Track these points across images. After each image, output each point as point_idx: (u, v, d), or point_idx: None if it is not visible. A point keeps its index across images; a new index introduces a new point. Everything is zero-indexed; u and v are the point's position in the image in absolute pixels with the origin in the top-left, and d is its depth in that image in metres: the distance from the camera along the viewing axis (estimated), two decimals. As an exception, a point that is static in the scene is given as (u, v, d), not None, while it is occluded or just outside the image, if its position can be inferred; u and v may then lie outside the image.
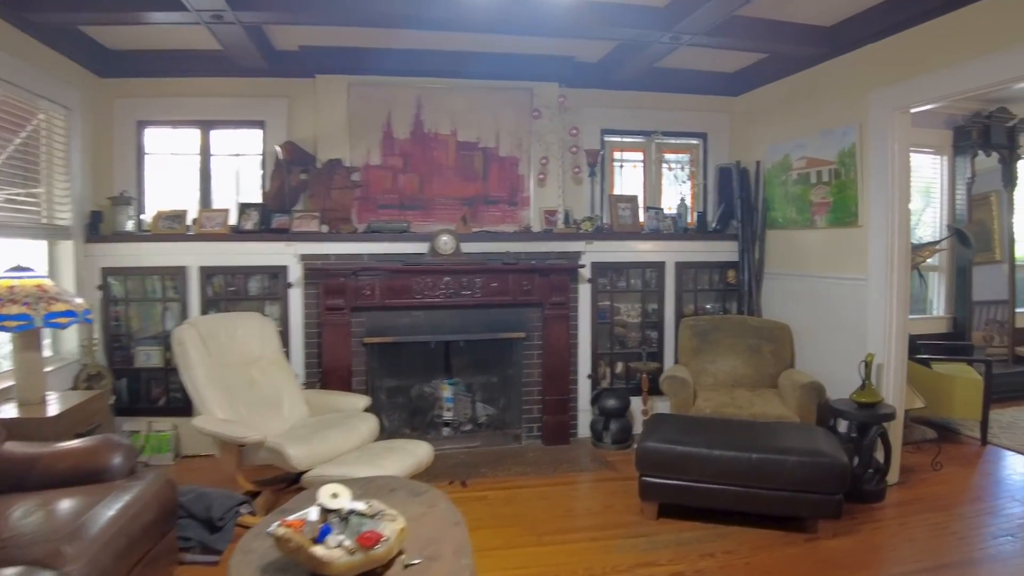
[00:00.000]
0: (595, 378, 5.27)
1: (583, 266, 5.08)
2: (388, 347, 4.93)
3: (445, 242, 4.80)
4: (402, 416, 5.17)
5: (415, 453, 3.55)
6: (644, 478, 3.62)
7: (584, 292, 5.18)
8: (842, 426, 4.14)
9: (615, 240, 5.23)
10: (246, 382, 3.99)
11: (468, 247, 4.94)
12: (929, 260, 5.96)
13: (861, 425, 3.92)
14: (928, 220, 6.58)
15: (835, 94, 4.53)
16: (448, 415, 5.13)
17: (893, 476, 4.11)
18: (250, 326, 4.25)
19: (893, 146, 4.05)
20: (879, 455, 3.98)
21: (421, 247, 4.87)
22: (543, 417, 5.06)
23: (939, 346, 5.91)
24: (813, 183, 4.74)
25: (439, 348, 5.17)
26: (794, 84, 4.96)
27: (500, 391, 5.33)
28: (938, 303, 6.62)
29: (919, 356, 5.10)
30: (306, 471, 3.39)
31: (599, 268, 5.21)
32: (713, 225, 5.52)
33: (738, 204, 5.33)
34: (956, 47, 3.59)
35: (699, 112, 5.71)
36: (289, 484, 3.73)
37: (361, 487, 2.49)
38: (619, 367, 5.36)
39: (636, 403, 5.14)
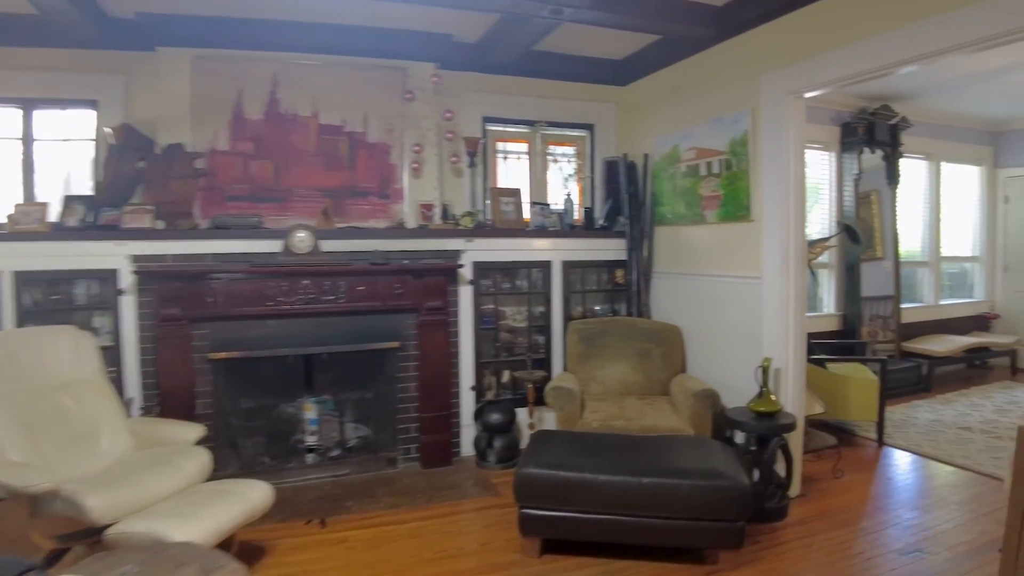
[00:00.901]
0: (480, 390, 4.78)
1: (462, 266, 4.57)
2: (239, 363, 4.23)
3: (301, 239, 4.17)
4: (259, 443, 4.49)
5: (248, 497, 2.93)
6: (524, 510, 3.14)
7: (465, 295, 4.68)
8: (740, 437, 3.83)
9: (498, 237, 4.76)
10: (54, 412, 3.24)
11: (331, 245, 4.34)
12: (820, 257, 5.84)
13: (760, 437, 3.62)
14: (817, 217, 6.50)
15: (726, 79, 4.25)
16: (312, 439, 4.48)
17: (795, 489, 3.85)
18: (60, 343, 3.48)
19: (788, 133, 3.79)
20: (780, 468, 3.70)
21: (276, 245, 4.23)
22: (421, 437, 4.52)
23: (833, 345, 5.81)
24: (703, 175, 4.45)
25: (300, 362, 4.52)
26: (683, 70, 4.66)
27: (373, 409, 4.74)
28: (829, 300, 6.56)
29: (814, 357, 4.91)
30: (110, 524, 2.72)
31: (481, 268, 4.72)
32: (600, 222, 5.15)
33: (626, 199, 4.99)
34: (847, 28, 3.36)
35: (586, 102, 5.34)
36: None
37: (142, 561, 1.87)
38: (506, 376, 4.89)
39: (525, 415, 4.69)
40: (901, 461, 4.57)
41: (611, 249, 5.09)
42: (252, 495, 2.95)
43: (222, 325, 4.11)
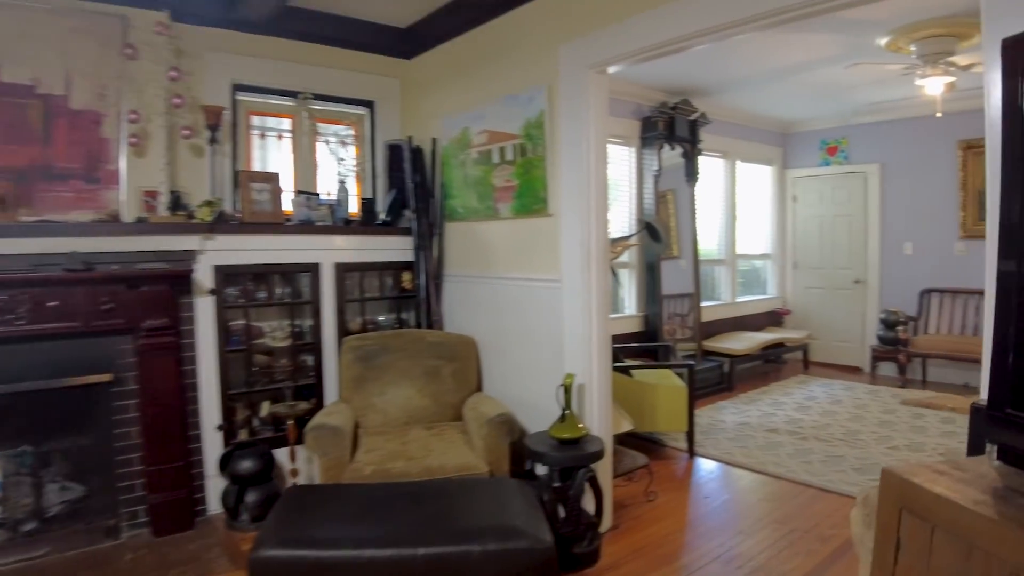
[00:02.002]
0: (231, 429, 3.80)
1: (191, 272, 3.57)
2: None
3: (-54, 239, 2.98)
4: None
5: None
6: (259, 610, 2.29)
7: (205, 308, 3.68)
8: (542, 469, 3.22)
9: (249, 234, 3.80)
10: None
11: (11, 246, 3.17)
12: (620, 257, 5.49)
13: (565, 469, 3.02)
14: (617, 215, 6.18)
15: (523, 51, 3.64)
16: (-9, 509, 3.28)
17: (606, 521, 3.32)
18: None
19: (589, 114, 3.24)
20: (589, 501, 3.14)
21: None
22: (149, 496, 3.47)
23: (636, 349, 5.46)
24: (496, 163, 3.82)
25: (-36, 407, 3.28)
26: (476, 40, 4.00)
27: (88, 463, 3.58)
28: (630, 301, 6.26)
29: (619, 364, 4.47)
30: None
31: (227, 274, 3.75)
32: (382, 216, 4.37)
33: (412, 190, 4.25)
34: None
35: (366, 75, 4.53)
36: None
37: None
38: (266, 409, 3.95)
39: (288, 458, 3.78)
40: (715, 474, 4.25)
41: (395, 248, 4.33)
42: None
43: None
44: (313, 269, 4.02)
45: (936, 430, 4.99)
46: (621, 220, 6.15)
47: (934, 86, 4.65)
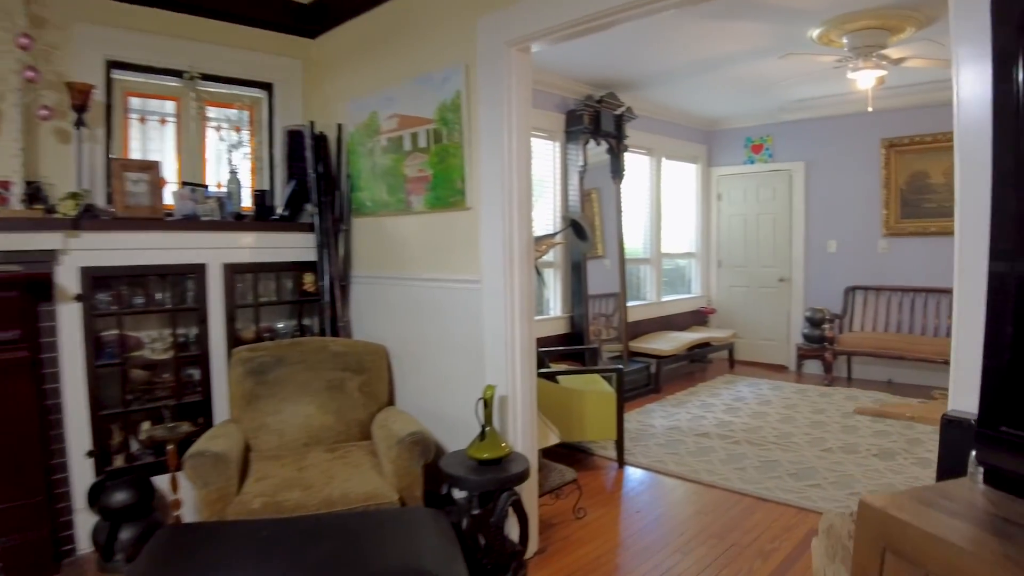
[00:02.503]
0: (105, 455, 3.30)
1: (50, 275, 3.06)
2: None
3: None
4: None
5: None
6: None
7: (70, 317, 3.16)
8: (461, 493, 2.87)
9: (123, 231, 3.30)
10: None
11: None
12: (545, 256, 5.21)
13: (486, 494, 2.69)
14: (541, 212, 5.91)
15: (437, 25, 3.29)
16: None
17: (532, 546, 3.01)
18: None
19: (510, 97, 2.92)
20: (513, 525, 2.81)
21: None
22: (3, 537, 2.94)
23: (562, 352, 5.19)
24: (407, 150, 3.45)
25: None
26: (387, 14, 3.62)
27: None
28: (555, 302, 5.99)
29: (544, 371, 4.18)
30: None
31: (97, 276, 3.24)
32: (280, 211, 3.93)
33: (314, 181, 3.83)
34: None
35: (264, 54, 4.08)
36: None
37: None
38: (146, 431, 3.44)
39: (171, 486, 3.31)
40: (646, 484, 4.00)
41: (295, 247, 3.89)
42: None
43: None
44: (199, 271, 3.55)
45: (868, 429, 4.91)
46: (546, 218, 5.87)
47: (865, 80, 4.56)
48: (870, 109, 5.22)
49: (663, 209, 7.38)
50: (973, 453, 1.58)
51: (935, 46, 4.30)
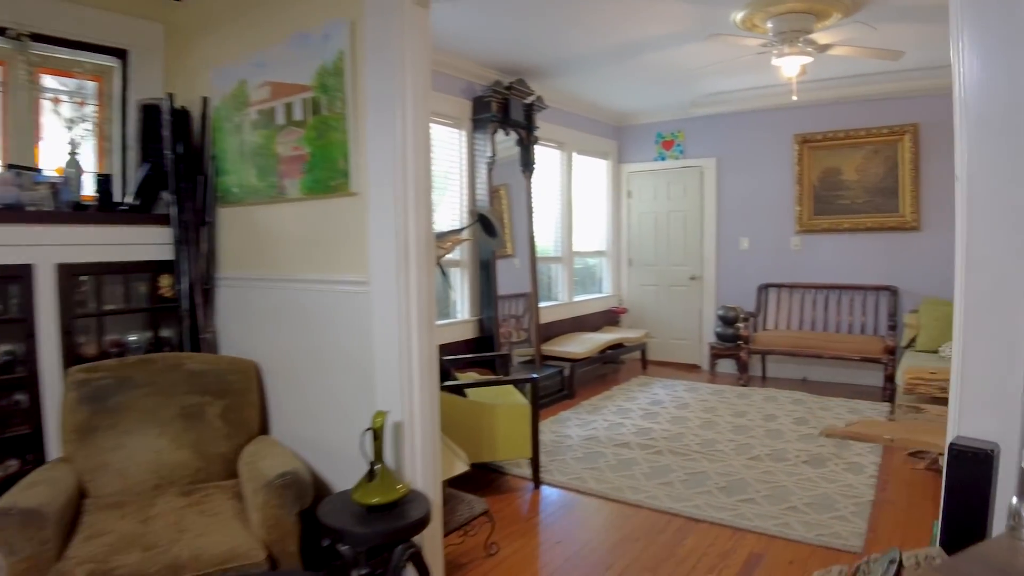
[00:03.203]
0: None
1: None
2: None
3: None
4: None
5: None
6: None
7: None
8: (346, 547, 2.33)
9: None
10: None
11: None
12: (451, 253, 4.72)
13: (375, 548, 2.16)
14: (447, 206, 5.42)
15: (310, -24, 2.74)
16: None
17: (431, 601, 2.49)
18: None
19: (404, 59, 2.40)
20: (406, 587, 2.30)
21: None
22: None
23: (470, 360, 4.70)
24: (280, 125, 2.88)
25: None
26: (254, -33, 3.03)
27: None
28: (463, 304, 5.51)
29: (448, 384, 3.68)
30: None
31: None
32: (129, 200, 3.26)
33: (172, 164, 3.18)
34: None
35: (118, 15, 3.39)
36: None
37: None
38: (-53, 472, 2.72)
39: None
40: (566, 507, 3.57)
41: (149, 243, 3.22)
42: None
43: None
44: (24, 273, 2.83)
45: (792, 433, 4.68)
46: (452, 212, 5.38)
47: (791, 67, 4.31)
48: (795, 98, 5.02)
49: (574, 206, 7.02)
50: (1014, 500, 1.21)
51: (866, 30, 4.08)
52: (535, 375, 3.77)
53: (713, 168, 7.16)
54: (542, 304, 6.40)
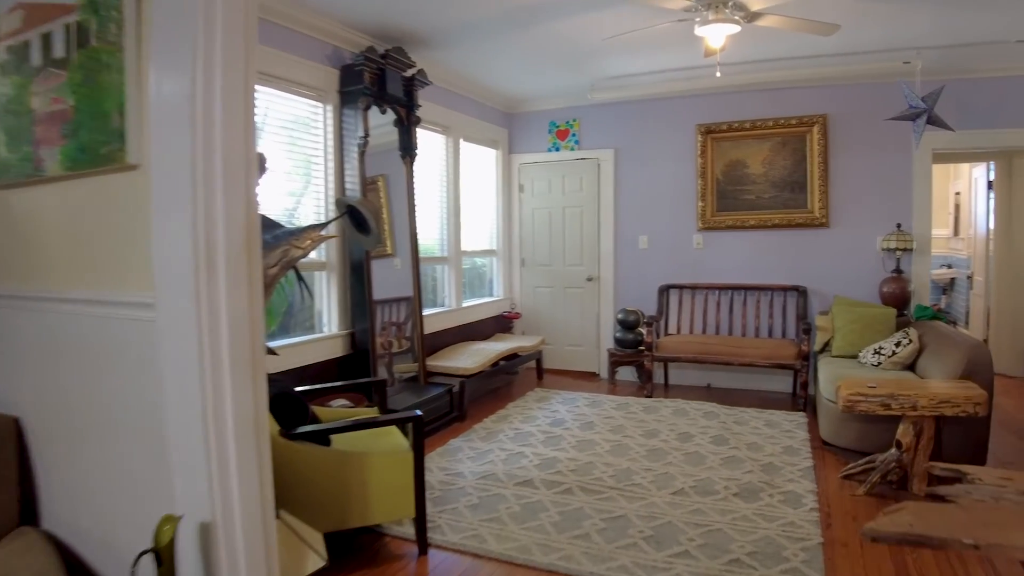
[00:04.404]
0: None
1: None
2: None
3: None
4: None
5: None
6: None
7: None
8: None
9: None
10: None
11: None
12: (313, 254, 3.83)
13: None
14: (310, 198, 4.50)
15: None
16: None
17: None
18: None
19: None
20: None
21: None
22: None
23: (338, 389, 3.81)
24: (36, 66, 1.92)
25: None
26: None
27: None
28: (330, 316, 4.60)
29: (306, 429, 2.79)
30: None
31: None
32: None
33: None
34: None
35: None
36: None
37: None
38: None
39: None
40: (457, 584, 2.79)
41: None
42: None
43: None
44: None
45: (714, 457, 4.13)
46: (316, 203, 4.47)
47: (715, 36, 3.73)
48: (718, 74, 4.45)
49: (462, 200, 6.24)
50: None
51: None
52: (418, 412, 2.94)
53: (611, 160, 6.60)
54: (427, 311, 5.59)
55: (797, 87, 5.70)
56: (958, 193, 8.43)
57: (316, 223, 3.66)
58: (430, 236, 5.92)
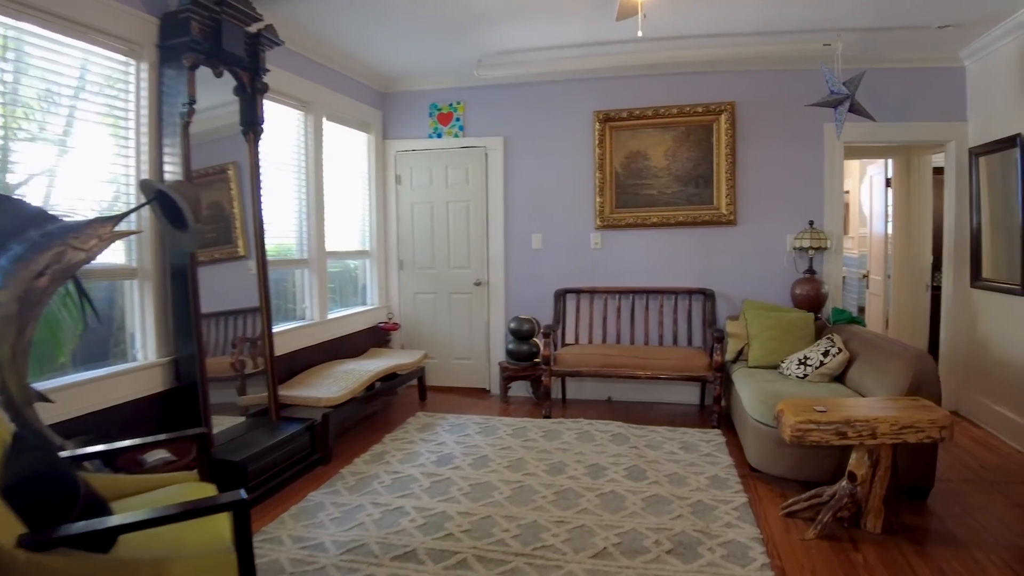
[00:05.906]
0: None
1: None
2: None
3: None
4: None
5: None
6: None
7: None
8: None
9: None
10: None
11: None
12: (112, 257, 2.79)
13: None
14: (107, 183, 3.41)
15: None
16: None
17: None
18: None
19: None
20: None
21: None
22: None
23: (144, 446, 2.77)
24: None
25: None
26: None
27: None
28: (144, 340, 3.51)
29: (76, 532, 1.80)
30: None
31: None
32: None
33: None
34: None
35: None
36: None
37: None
38: None
39: None
40: None
41: None
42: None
43: None
44: None
45: (634, 497, 3.43)
46: (113, 189, 3.39)
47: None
48: (640, 33, 3.71)
49: (326, 191, 5.25)
50: None
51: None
52: (242, 497, 1.98)
53: (500, 149, 5.84)
54: (282, 326, 4.60)
55: (705, 72, 5.18)
56: (847, 192, 8.32)
57: (106, 215, 2.62)
58: (287, 234, 4.90)
